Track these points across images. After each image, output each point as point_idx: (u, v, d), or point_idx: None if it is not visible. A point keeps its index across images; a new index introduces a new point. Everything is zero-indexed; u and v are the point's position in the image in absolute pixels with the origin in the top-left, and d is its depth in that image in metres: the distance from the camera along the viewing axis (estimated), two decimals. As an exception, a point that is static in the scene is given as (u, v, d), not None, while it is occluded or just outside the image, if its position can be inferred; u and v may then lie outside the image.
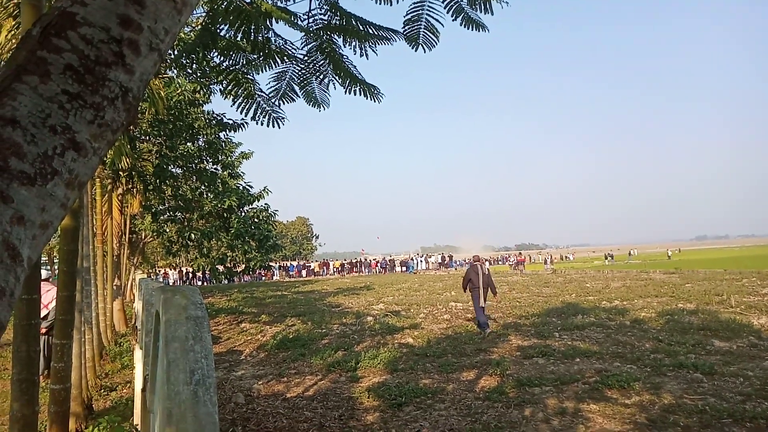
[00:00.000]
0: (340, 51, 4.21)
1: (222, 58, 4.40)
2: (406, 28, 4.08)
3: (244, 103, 4.44)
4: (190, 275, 40.37)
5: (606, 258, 65.36)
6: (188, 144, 16.32)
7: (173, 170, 16.13)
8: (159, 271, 43.37)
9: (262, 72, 4.38)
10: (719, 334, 9.38)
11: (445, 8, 3.99)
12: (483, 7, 4.06)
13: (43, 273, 8.14)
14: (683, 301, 14.04)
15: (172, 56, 5.43)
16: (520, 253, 53.65)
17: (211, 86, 11.62)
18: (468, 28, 4.16)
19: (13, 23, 7.40)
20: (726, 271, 23.98)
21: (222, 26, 3.99)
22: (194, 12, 1.22)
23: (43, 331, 6.54)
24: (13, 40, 7.39)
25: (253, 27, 3.86)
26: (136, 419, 5.78)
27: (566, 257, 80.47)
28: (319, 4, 4.01)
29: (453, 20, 4.08)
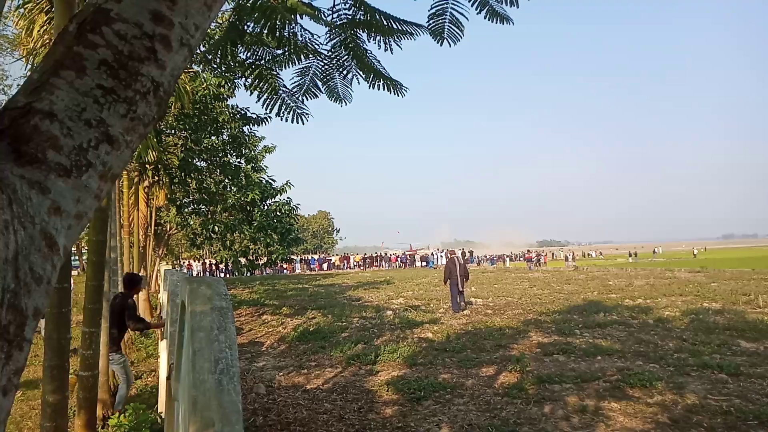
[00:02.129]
0: (365, 46, 4.21)
1: (247, 54, 4.43)
2: (431, 22, 4.06)
3: (268, 99, 4.48)
4: (213, 267, 40.93)
5: (630, 256, 64.38)
6: (213, 138, 16.53)
7: (198, 163, 16.36)
8: (183, 262, 44.05)
9: (287, 68, 4.40)
10: (746, 334, 9.18)
11: (469, 1, 3.96)
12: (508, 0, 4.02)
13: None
14: (709, 300, 13.75)
15: (200, 51, 5.50)
16: (528, 251, 53.48)
17: (235, 81, 11.74)
18: (492, 21, 4.12)
19: (45, 18, 7.57)
20: (754, 271, 23.40)
21: (248, 22, 4.02)
22: (222, 8, 1.25)
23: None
24: (46, 36, 7.55)
25: (278, 23, 3.89)
26: (161, 407, 5.92)
27: (588, 254, 79.53)
28: (343, -1, 4.02)
29: (477, 13, 4.04)
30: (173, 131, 15.27)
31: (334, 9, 4.02)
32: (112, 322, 6.66)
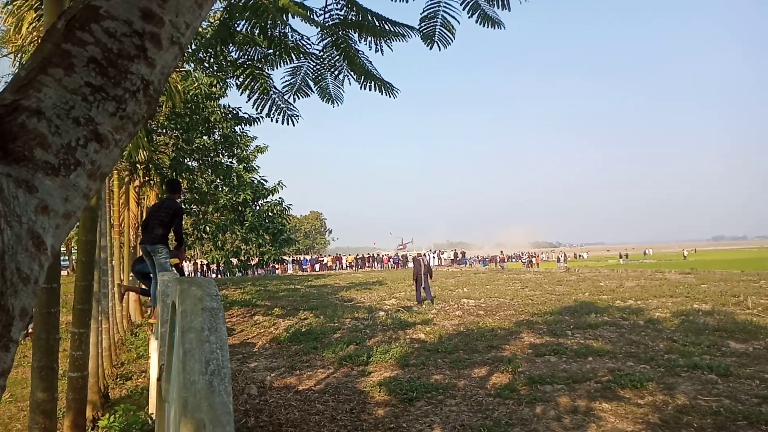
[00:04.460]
0: (356, 46, 4.21)
1: (239, 53, 4.42)
2: (422, 24, 4.06)
3: (259, 100, 4.46)
4: (205, 267, 40.72)
5: (621, 257, 64.79)
6: (204, 137, 16.45)
7: (189, 163, 16.28)
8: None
9: (278, 67, 4.39)
10: (735, 335, 9.25)
11: (461, 5, 3.96)
12: (500, 3, 4.03)
13: None
14: (699, 301, 13.86)
15: (190, 50, 5.48)
16: (501, 252, 54.03)
17: (227, 80, 11.70)
18: (484, 26, 4.13)
19: (35, 15, 7.50)
20: (743, 272, 23.61)
21: (239, 21, 4.01)
22: (213, 6, 1.24)
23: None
24: (35, 33, 7.49)
25: (269, 23, 3.88)
26: (152, 408, 5.87)
27: (580, 255, 79.98)
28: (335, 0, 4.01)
29: (469, 17, 4.05)
30: (164, 130, 15.18)
31: (326, 9, 4.02)
32: (160, 222, 6.54)
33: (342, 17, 4.09)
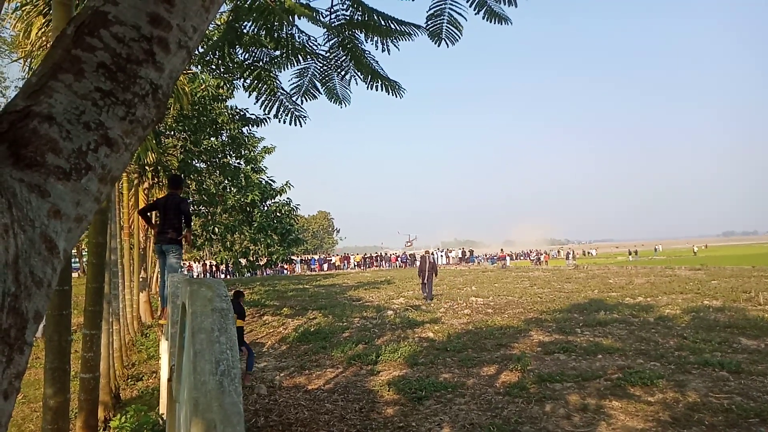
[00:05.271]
0: (362, 46, 4.21)
1: (245, 54, 4.44)
2: (429, 23, 4.06)
3: (267, 101, 4.48)
4: (214, 268, 40.88)
5: (630, 254, 64.43)
6: (212, 139, 16.51)
7: (197, 165, 16.35)
8: (183, 263, 43.89)
9: (285, 69, 4.41)
10: (747, 332, 9.18)
11: (467, 2, 3.96)
12: None
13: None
14: (709, 298, 13.75)
15: (198, 53, 5.51)
16: (501, 250, 53.70)
17: (234, 81, 11.73)
18: (491, 22, 4.12)
19: (43, 21, 7.56)
20: (754, 268, 23.40)
21: (246, 23, 4.02)
22: (219, 9, 1.25)
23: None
24: (43, 38, 7.55)
25: (276, 24, 3.89)
26: (162, 408, 5.91)
27: (589, 252, 79.63)
28: (341, 0, 4.02)
29: (476, 14, 4.04)
30: (172, 133, 15.26)
31: (332, 10, 4.02)
32: (171, 226, 6.59)
33: (348, 17, 4.09)
